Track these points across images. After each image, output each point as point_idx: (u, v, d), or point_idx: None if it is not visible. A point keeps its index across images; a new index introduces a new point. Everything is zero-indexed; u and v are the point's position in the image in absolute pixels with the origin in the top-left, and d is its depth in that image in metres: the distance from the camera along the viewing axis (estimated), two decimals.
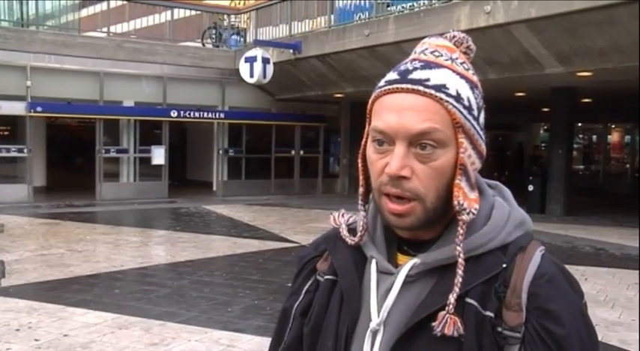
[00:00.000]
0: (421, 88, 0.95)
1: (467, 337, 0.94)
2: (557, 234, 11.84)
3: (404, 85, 0.96)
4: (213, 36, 18.67)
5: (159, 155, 16.69)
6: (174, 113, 16.77)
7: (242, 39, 18.53)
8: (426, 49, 1.01)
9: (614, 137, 27.48)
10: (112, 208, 14.83)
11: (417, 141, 0.94)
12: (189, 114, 17.05)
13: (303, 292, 1.14)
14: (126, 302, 6.56)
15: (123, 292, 7.15)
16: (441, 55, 0.99)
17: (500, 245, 0.99)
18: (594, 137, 29.02)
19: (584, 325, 0.96)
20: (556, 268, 0.99)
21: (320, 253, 1.15)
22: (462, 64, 1.00)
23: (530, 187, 15.30)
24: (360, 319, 1.03)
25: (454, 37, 1.03)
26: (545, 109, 17.74)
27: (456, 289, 0.95)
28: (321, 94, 16.71)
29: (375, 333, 1.00)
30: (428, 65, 0.97)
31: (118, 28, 19.21)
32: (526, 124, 27.73)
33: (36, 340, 5.25)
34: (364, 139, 1.03)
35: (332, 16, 14.99)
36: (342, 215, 1.14)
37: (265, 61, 15.24)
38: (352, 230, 1.10)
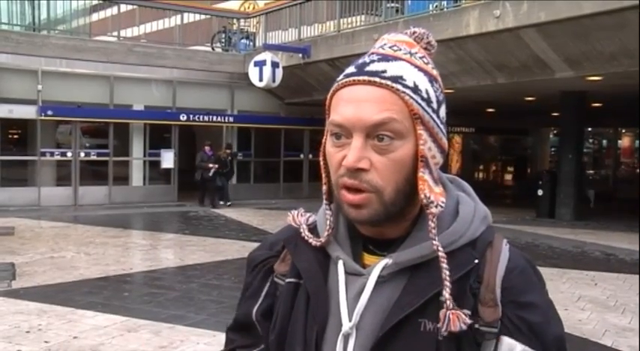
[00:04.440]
0: (377, 79, 0.93)
1: (444, 336, 0.92)
2: (566, 239, 11.79)
3: (360, 78, 0.95)
4: (223, 40, 18.74)
5: (168, 159, 16.75)
6: (183, 117, 16.86)
7: (251, 43, 18.59)
8: (385, 44, 0.99)
9: (624, 142, 27.35)
10: (120, 212, 14.90)
11: (375, 132, 0.93)
12: (199, 118, 17.13)
13: (262, 295, 1.09)
14: (135, 305, 6.59)
15: (132, 294, 7.19)
16: (400, 50, 0.98)
17: (469, 241, 0.99)
18: (604, 142, 28.90)
19: (554, 313, 1.00)
20: (524, 260, 1.01)
21: (276, 253, 1.10)
22: (421, 58, 0.98)
23: (540, 192, 15.24)
24: (328, 323, 0.99)
25: (414, 32, 1.02)
26: (555, 114, 17.68)
27: (447, 283, 0.92)
28: None
29: (347, 337, 0.96)
30: (385, 58, 0.96)
31: (129, 32, 19.35)
32: (536, 128, 27.65)
33: (46, 342, 5.28)
34: (325, 137, 1.00)
35: (407, 4, 14.13)
36: (301, 214, 1.10)
37: (274, 65, 15.28)
38: (312, 230, 1.07)
